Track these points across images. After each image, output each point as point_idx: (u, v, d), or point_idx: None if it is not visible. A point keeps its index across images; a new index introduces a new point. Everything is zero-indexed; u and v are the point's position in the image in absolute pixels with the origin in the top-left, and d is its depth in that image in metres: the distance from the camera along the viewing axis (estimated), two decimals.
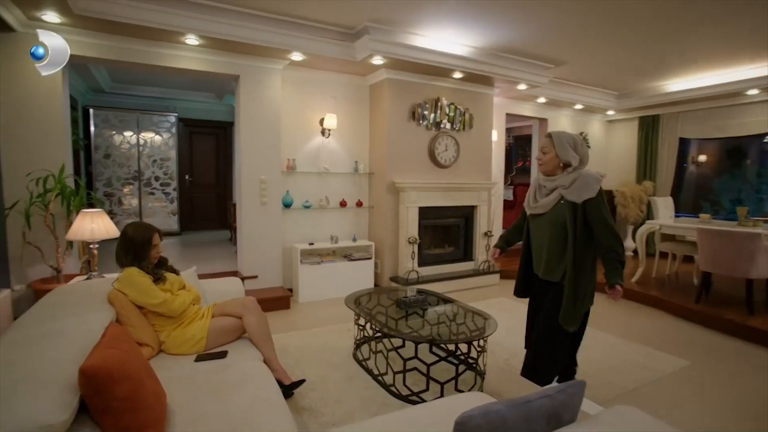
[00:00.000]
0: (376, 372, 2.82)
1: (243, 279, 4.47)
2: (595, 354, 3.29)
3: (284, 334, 3.63)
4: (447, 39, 4.42)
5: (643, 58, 4.96)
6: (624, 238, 6.64)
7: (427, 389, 2.50)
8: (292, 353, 3.25)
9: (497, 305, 4.51)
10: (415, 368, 2.56)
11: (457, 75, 4.92)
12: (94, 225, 3.05)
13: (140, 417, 1.44)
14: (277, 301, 4.36)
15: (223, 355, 2.28)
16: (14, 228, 3.30)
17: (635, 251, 5.80)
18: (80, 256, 3.90)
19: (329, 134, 4.88)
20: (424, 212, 5.07)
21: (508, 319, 4.04)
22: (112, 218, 6.87)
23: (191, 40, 3.78)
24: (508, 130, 9.17)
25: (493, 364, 3.05)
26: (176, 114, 7.26)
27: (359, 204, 5.15)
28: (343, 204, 5.03)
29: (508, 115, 6.42)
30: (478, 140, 5.48)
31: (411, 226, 4.95)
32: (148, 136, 7.06)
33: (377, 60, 4.37)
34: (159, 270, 2.45)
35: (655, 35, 4.21)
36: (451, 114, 5.17)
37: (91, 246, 3.14)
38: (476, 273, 5.37)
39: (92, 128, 6.62)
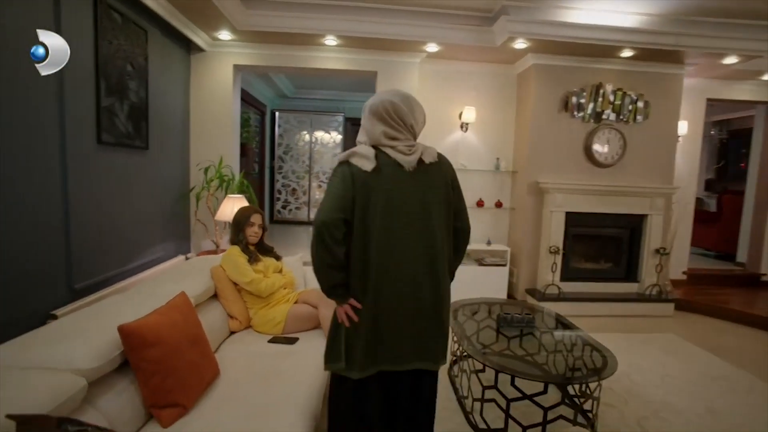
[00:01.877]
0: (461, 393, 2.49)
1: None
2: None
3: None
4: (609, 9, 3.61)
5: None
6: None
7: (505, 429, 2.07)
8: None
9: (662, 344, 3.51)
10: (494, 400, 2.15)
11: (627, 53, 3.99)
12: (235, 208, 3.52)
13: (167, 382, 1.55)
14: None
15: (293, 341, 2.33)
16: (200, 207, 4.11)
17: None
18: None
19: (467, 128, 4.58)
20: (573, 218, 4.30)
21: (670, 364, 3.11)
22: (285, 207, 8.08)
23: (329, 40, 4.03)
24: (718, 123, 7.13)
25: (616, 419, 2.35)
26: (343, 114, 7.97)
27: (498, 205, 4.69)
28: (479, 204, 4.67)
29: (710, 101, 4.92)
30: (654, 133, 4.35)
31: (554, 234, 4.26)
32: (318, 134, 7.96)
33: (519, 44, 3.87)
34: (256, 251, 2.66)
35: None
36: (617, 102, 4.23)
37: None
38: (641, 298, 4.29)
39: (277, 129, 7.82)
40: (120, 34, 2.95)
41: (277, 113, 7.81)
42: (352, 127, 8.41)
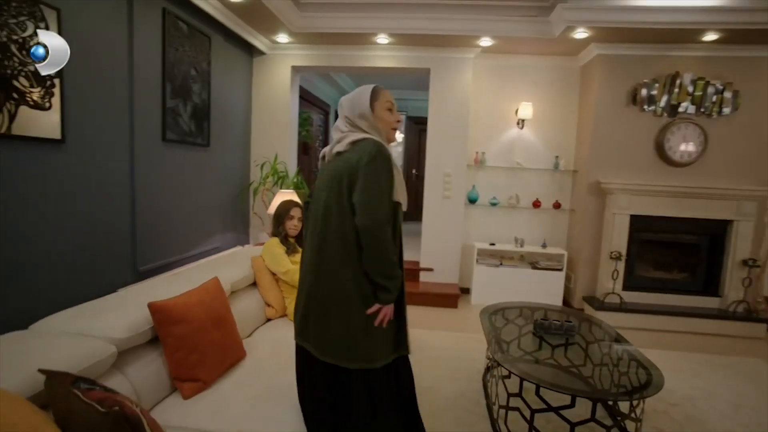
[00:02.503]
0: (491, 399, 2.39)
1: (419, 270, 4.57)
2: None
3: (431, 331, 3.51)
4: None
5: None
6: None
7: None
8: (426, 351, 3.11)
9: (744, 369, 3.08)
10: (518, 409, 2.03)
11: (711, 36, 3.54)
12: None
13: (191, 357, 1.68)
14: (445, 298, 4.24)
15: None
16: (256, 201, 4.39)
17: None
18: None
19: (523, 125, 4.38)
20: (640, 222, 3.92)
21: (750, 393, 2.73)
22: None
23: (381, 39, 4.07)
24: None
25: None
26: (405, 113, 7.99)
27: (557, 205, 4.42)
28: (536, 204, 4.44)
29: None
30: (745, 127, 3.82)
31: (617, 238, 3.91)
32: None
33: (580, 33, 3.62)
34: (295, 243, 2.76)
35: None
36: (698, 93, 3.77)
37: None
38: (723, 315, 3.78)
39: None
40: (186, 42, 3.24)
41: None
42: (415, 126, 8.42)
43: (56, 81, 2.24)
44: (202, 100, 3.51)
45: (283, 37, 4.16)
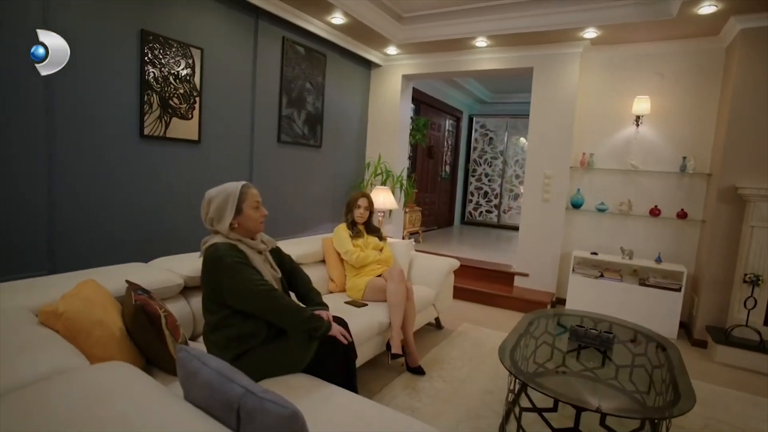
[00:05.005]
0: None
1: (514, 275, 4.48)
2: None
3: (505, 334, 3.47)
4: None
5: None
6: None
7: None
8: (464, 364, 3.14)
9: None
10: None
11: None
12: (380, 197, 4.14)
13: None
14: (533, 304, 4.06)
15: (361, 305, 2.72)
16: None
17: None
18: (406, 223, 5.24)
19: (640, 122, 3.87)
20: None
21: None
22: (476, 209, 8.29)
23: (480, 42, 4.16)
24: None
25: None
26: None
27: (682, 215, 3.77)
28: (654, 212, 3.87)
29: None
30: None
31: (754, 257, 3.16)
32: (514, 138, 7.86)
33: (707, 7, 3.08)
34: (364, 230, 3.15)
35: None
36: None
37: (380, 213, 4.27)
38: None
39: (473, 133, 8.14)
40: (302, 61, 3.99)
41: (474, 118, 8.16)
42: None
43: (197, 98, 3.15)
44: (315, 108, 4.22)
45: (392, 50, 4.63)
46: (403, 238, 5.36)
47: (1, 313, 1.44)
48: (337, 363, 1.83)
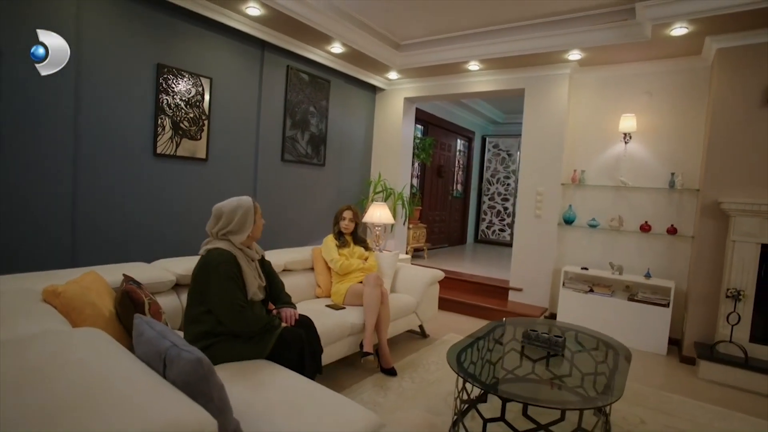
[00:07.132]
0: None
1: (508, 289, 4.57)
2: None
3: None
4: None
5: None
6: None
7: None
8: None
9: None
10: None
11: None
12: (377, 212, 4.39)
13: None
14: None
15: (339, 309, 2.95)
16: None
17: None
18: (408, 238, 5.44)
19: (629, 139, 3.96)
20: None
21: None
22: (489, 227, 8.36)
23: (473, 65, 4.41)
24: None
25: None
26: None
27: (672, 231, 3.79)
28: (644, 228, 3.91)
29: None
30: None
31: (737, 272, 3.16)
32: None
33: (679, 29, 3.21)
34: (350, 240, 3.40)
35: None
36: None
37: (377, 227, 4.51)
38: None
39: (486, 153, 8.31)
40: (306, 87, 4.36)
41: (486, 138, 8.33)
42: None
43: (206, 121, 3.55)
44: (319, 129, 4.57)
45: (393, 74, 4.95)
46: (406, 253, 5.56)
47: (14, 291, 1.78)
48: (294, 352, 2.07)
